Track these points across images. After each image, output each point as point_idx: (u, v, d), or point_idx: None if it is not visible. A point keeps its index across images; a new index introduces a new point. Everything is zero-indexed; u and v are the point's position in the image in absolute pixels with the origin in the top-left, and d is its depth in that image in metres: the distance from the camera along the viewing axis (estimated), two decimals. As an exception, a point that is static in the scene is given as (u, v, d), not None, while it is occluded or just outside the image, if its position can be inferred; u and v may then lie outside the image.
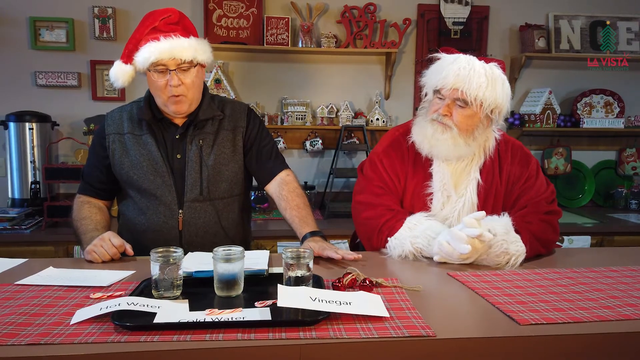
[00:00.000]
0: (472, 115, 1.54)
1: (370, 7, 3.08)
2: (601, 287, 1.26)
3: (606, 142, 3.43)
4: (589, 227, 2.83)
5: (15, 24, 2.88)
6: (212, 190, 1.65)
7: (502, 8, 3.23)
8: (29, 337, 0.94)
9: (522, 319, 1.04)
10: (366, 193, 1.65)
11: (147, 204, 1.63)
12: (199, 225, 1.64)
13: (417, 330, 0.98)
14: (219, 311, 1.04)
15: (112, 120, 1.69)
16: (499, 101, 1.53)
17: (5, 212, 2.60)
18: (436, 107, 1.57)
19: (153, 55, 1.52)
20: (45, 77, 2.92)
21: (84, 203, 1.69)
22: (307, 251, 1.18)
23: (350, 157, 3.26)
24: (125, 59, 1.60)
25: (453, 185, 1.60)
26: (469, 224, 1.40)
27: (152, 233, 1.63)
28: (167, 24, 1.57)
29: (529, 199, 1.59)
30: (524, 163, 1.64)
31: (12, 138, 2.76)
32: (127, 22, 2.98)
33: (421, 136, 1.60)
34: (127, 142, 1.65)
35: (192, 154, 1.63)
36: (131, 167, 1.63)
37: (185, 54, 1.54)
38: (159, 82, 1.56)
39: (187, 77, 1.57)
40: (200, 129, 1.65)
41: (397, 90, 3.24)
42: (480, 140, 1.59)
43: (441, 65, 1.56)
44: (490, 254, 1.43)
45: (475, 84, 1.49)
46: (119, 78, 1.60)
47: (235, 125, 1.70)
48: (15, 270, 1.39)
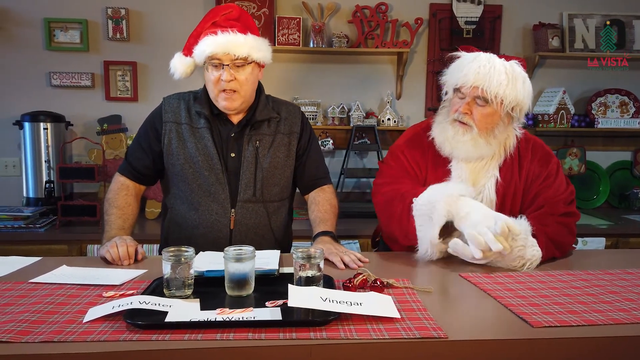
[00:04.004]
0: (492, 114, 1.52)
1: (381, 6, 3.06)
2: (616, 290, 1.24)
3: (621, 143, 3.38)
4: (604, 228, 2.79)
5: (30, 25, 2.92)
6: (264, 193, 1.64)
7: (515, 7, 3.20)
8: (42, 334, 0.95)
9: (535, 321, 1.03)
10: (386, 177, 1.65)
11: (199, 200, 1.61)
12: (250, 225, 1.63)
13: (429, 331, 0.97)
14: (230, 311, 1.05)
15: (170, 107, 1.66)
16: (520, 99, 1.51)
17: (20, 211, 2.64)
18: (456, 106, 1.56)
19: (209, 48, 1.54)
20: (59, 78, 2.95)
21: (123, 189, 1.66)
22: (318, 251, 1.18)
23: (361, 157, 3.26)
24: (185, 52, 1.62)
25: (471, 182, 1.59)
26: (500, 229, 1.35)
27: (203, 229, 1.61)
28: (227, 19, 1.59)
29: (547, 199, 1.56)
30: (544, 162, 1.62)
31: (27, 138, 2.79)
32: (140, 23, 3.00)
33: (442, 137, 1.59)
34: (184, 133, 1.63)
35: (248, 154, 1.62)
36: (186, 160, 1.61)
37: (240, 50, 1.55)
38: (212, 76, 1.57)
39: (241, 73, 1.57)
40: (256, 130, 1.64)
41: (409, 90, 3.22)
42: (500, 138, 1.58)
43: (461, 64, 1.55)
44: (507, 258, 1.41)
45: (495, 82, 1.48)
46: (178, 69, 1.62)
47: (291, 130, 1.70)
48: (29, 268, 1.41)
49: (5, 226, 2.53)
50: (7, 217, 2.56)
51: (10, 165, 2.98)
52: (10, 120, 2.84)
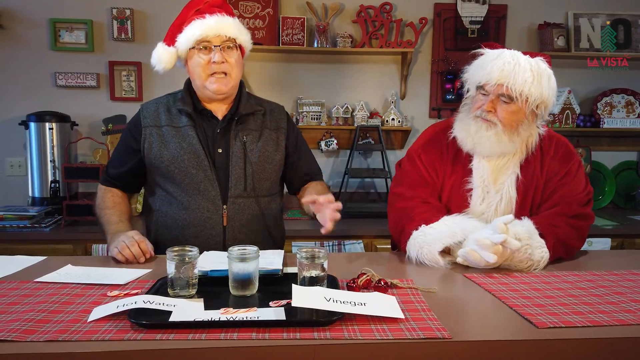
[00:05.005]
0: (517, 111, 1.51)
1: (386, 6, 3.06)
2: (622, 291, 1.23)
3: (627, 143, 3.36)
4: (609, 229, 2.78)
5: (35, 26, 2.94)
6: (256, 187, 1.64)
7: (520, 6, 3.19)
8: (47, 333, 0.95)
9: (540, 322, 1.02)
10: (402, 185, 1.65)
11: (189, 199, 1.60)
12: (243, 221, 1.63)
13: (433, 332, 0.97)
14: (234, 310, 1.05)
15: (147, 112, 1.66)
16: (545, 96, 1.50)
17: (26, 210, 2.65)
18: (479, 103, 1.55)
19: (199, 31, 1.54)
20: (64, 78, 2.96)
21: (107, 193, 1.69)
22: (322, 251, 1.18)
23: (365, 157, 3.25)
24: (168, 41, 1.61)
25: (492, 180, 1.58)
26: (498, 229, 1.36)
27: (195, 229, 1.60)
28: (212, 6, 1.60)
29: (562, 197, 1.55)
30: (565, 160, 1.59)
31: (32, 138, 2.80)
32: (144, 23, 3.01)
33: (464, 132, 1.58)
34: (165, 135, 1.62)
35: (236, 149, 1.61)
36: (171, 161, 1.59)
37: (230, 30, 1.58)
38: (202, 60, 1.56)
39: (231, 56, 1.58)
40: (243, 124, 1.64)
41: (413, 90, 3.21)
42: (524, 136, 1.56)
43: (485, 61, 1.53)
44: (514, 259, 1.40)
45: (520, 79, 1.46)
46: (162, 60, 1.60)
47: (278, 125, 1.71)
48: (34, 267, 1.42)
49: (10, 225, 2.55)
50: (12, 216, 2.58)
51: (16, 165, 2.99)
52: (16, 120, 2.86)
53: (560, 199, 1.55)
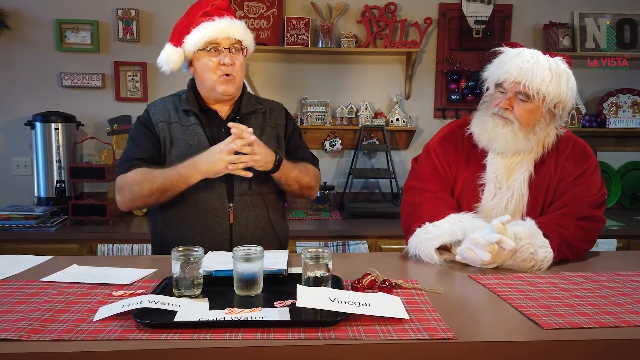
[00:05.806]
0: (533, 110, 1.51)
1: (390, 6, 3.06)
2: (628, 292, 1.22)
3: (633, 143, 3.34)
4: (615, 230, 2.77)
5: (41, 26, 2.95)
6: (260, 185, 1.66)
7: (525, 6, 3.18)
8: (53, 333, 0.96)
9: (545, 323, 1.02)
10: (416, 179, 1.67)
11: (195, 197, 1.60)
12: (249, 218, 1.64)
13: (438, 332, 0.97)
14: (239, 310, 1.05)
15: (156, 110, 1.67)
16: (563, 96, 1.50)
17: (32, 210, 2.66)
18: (497, 101, 1.56)
19: (209, 33, 1.57)
20: (70, 78, 2.98)
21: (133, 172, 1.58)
22: (326, 251, 1.18)
23: (369, 157, 3.25)
24: (175, 42, 1.62)
25: (505, 177, 1.58)
26: (495, 228, 1.36)
27: (202, 227, 1.60)
28: (218, 9, 1.63)
29: (572, 197, 1.54)
30: (581, 161, 1.59)
31: (38, 138, 2.82)
32: (150, 24, 3.02)
33: (481, 129, 1.59)
34: (175, 132, 1.63)
35: None
36: (178, 159, 1.58)
37: (238, 33, 1.62)
38: (211, 62, 1.59)
39: (238, 58, 1.61)
40: (245, 123, 1.63)
41: (418, 90, 3.21)
42: (540, 135, 1.56)
43: (504, 59, 1.54)
44: (517, 258, 1.40)
45: (538, 78, 1.46)
46: (170, 61, 1.61)
47: (277, 123, 1.73)
48: (40, 267, 1.43)
49: (16, 225, 2.56)
50: (18, 216, 2.59)
51: (22, 165, 3.01)
52: (22, 121, 2.88)
53: (570, 199, 1.54)
